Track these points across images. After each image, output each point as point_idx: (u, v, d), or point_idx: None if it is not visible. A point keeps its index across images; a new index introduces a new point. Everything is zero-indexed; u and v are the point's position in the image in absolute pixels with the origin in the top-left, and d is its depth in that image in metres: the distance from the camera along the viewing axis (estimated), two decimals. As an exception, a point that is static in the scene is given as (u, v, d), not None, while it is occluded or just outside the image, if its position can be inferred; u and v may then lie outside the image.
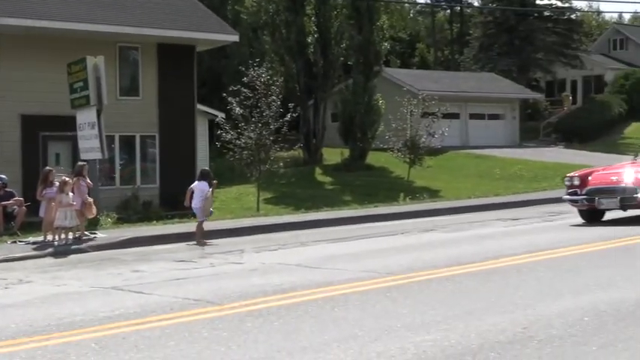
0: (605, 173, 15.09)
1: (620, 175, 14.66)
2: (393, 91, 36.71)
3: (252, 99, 23.72)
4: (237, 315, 7.15)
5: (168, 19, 25.09)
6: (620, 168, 15.39)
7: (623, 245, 11.09)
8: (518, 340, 5.70)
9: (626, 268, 9.03)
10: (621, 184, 14.27)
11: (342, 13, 36.40)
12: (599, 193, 14.33)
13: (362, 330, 6.26)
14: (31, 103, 22.42)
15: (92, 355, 5.88)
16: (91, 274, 11.16)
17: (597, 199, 14.25)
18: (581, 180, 14.84)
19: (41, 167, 22.05)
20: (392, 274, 9.11)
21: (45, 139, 22.92)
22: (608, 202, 14.19)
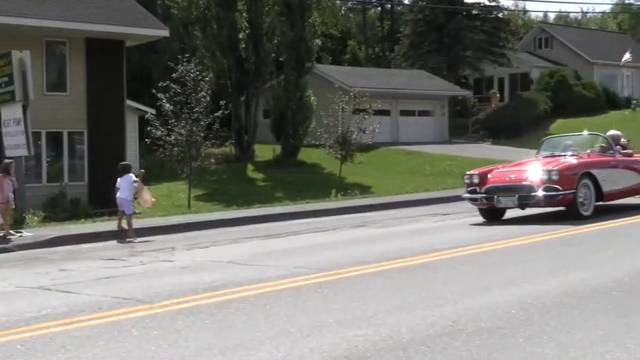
0: (504, 171, 14.87)
1: (519, 173, 14.52)
2: (324, 87, 36.82)
3: (182, 95, 23.50)
4: (168, 313, 7.07)
5: (97, 14, 24.66)
6: (520, 165, 15.31)
7: (544, 240, 11.34)
8: (448, 334, 5.77)
9: (550, 261, 9.23)
10: (520, 182, 14.06)
11: (274, 9, 36.33)
12: (498, 191, 14.06)
13: (294, 326, 6.26)
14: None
15: (18, 357, 5.74)
16: (17, 273, 10.92)
17: (496, 197, 13.96)
18: (480, 178, 14.51)
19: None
20: (323, 270, 9.14)
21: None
22: (506, 201, 13.92)
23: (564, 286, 7.48)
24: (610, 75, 57.80)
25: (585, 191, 13.81)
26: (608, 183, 14.41)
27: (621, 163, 15.20)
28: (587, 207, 13.85)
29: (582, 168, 14.05)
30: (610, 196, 14.63)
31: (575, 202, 13.62)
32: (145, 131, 27.06)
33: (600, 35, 68.44)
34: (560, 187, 13.42)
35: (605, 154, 15.18)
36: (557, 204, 13.90)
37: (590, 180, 13.96)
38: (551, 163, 14.26)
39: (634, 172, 15.32)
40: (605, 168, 14.63)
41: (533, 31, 65.63)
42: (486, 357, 5.16)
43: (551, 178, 13.44)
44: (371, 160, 33.92)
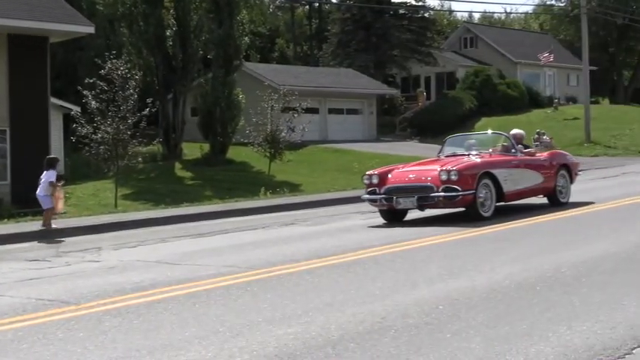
0: (404, 171, 14.29)
1: (419, 173, 14.01)
2: (253, 85, 36.69)
3: (108, 92, 23.11)
4: (94, 315, 6.95)
5: (19, 9, 24.03)
6: (420, 165, 14.82)
7: (471, 236, 11.53)
8: (377, 330, 5.82)
9: (475, 258, 9.38)
10: (419, 183, 13.56)
11: (202, 6, 36.02)
12: (398, 192, 13.58)
13: (223, 325, 6.22)
14: None
15: (-62, 362, 5.57)
16: None
17: (395, 198, 13.48)
18: (380, 178, 14.01)
19: None
20: (253, 269, 9.11)
21: None
22: (405, 202, 13.42)
23: (491, 281, 7.62)
24: (533, 74, 59.22)
25: (486, 191, 13.41)
26: (510, 183, 14.04)
27: (523, 163, 14.83)
28: (488, 208, 13.46)
29: (482, 168, 13.66)
30: (511, 196, 14.28)
31: (475, 202, 13.21)
32: (70, 129, 26.53)
33: (523, 35, 69.97)
34: (459, 187, 13.02)
35: (507, 154, 14.91)
36: (457, 205, 13.53)
37: (490, 180, 13.58)
38: (451, 162, 13.84)
39: (535, 172, 14.95)
40: (507, 167, 14.26)
41: (459, 31, 66.71)
42: (415, 352, 5.22)
43: (450, 178, 13.07)
44: (300, 159, 33.97)
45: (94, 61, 27.77)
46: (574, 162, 16.51)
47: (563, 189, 15.47)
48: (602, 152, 39.55)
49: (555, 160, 15.69)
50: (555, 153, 16.60)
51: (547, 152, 16.05)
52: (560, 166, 15.56)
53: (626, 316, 5.96)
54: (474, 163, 13.83)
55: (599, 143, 42.66)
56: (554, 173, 15.21)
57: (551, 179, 15.12)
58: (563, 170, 15.56)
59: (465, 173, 13.20)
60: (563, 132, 45.64)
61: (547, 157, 15.63)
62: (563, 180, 15.47)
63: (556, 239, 10.83)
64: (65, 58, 39.38)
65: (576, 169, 16.44)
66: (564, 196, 15.45)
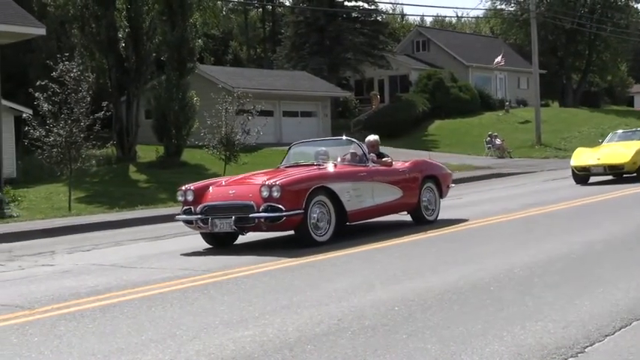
0: (226, 185, 11.70)
1: (241, 189, 11.41)
2: (207, 88, 36.53)
3: (61, 95, 22.80)
4: (49, 319, 6.86)
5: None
6: (246, 178, 12.10)
7: (425, 238, 11.63)
8: (334, 332, 5.84)
9: (431, 259, 9.47)
10: (238, 200, 11.02)
11: (154, 8, 35.73)
12: (215, 211, 11.06)
13: (180, 329, 6.19)
14: None
15: None
16: None
17: (211, 219, 10.96)
18: (196, 194, 11.44)
19: None
20: (210, 272, 9.07)
21: None
22: (222, 224, 10.87)
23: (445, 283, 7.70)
24: (484, 77, 59.99)
25: (320, 211, 11.00)
26: (355, 200, 11.68)
27: (374, 175, 12.32)
28: (324, 231, 11.08)
29: (316, 181, 11.16)
30: (357, 215, 11.91)
31: (305, 224, 10.76)
32: (22, 132, 26.11)
33: (475, 39, 70.90)
34: (283, 206, 10.53)
35: (355, 164, 12.44)
36: (283, 227, 10.98)
37: (328, 196, 11.17)
38: (277, 175, 11.39)
39: (392, 186, 12.59)
40: (351, 181, 11.81)
41: (411, 35, 67.30)
42: (372, 354, 5.25)
43: (272, 195, 10.57)
44: (255, 161, 33.83)
45: (45, 63, 27.35)
46: (444, 173, 14.14)
47: (431, 205, 13.30)
48: (553, 154, 40.25)
49: (419, 171, 13.33)
50: (419, 163, 14.02)
51: (409, 162, 13.52)
52: (425, 177, 13.30)
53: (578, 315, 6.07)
54: (303, 176, 11.28)
55: (549, 145, 43.42)
56: (417, 186, 12.98)
57: (413, 194, 12.89)
58: (429, 183, 13.35)
59: (290, 189, 10.71)
60: (514, 134, 46.36)
61: (408, 168, 13.19)
62: (430, 194, 13.29)
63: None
64: (16, 59, 38.71)
65: (448, 181, 14.10)
66: (432, 212, 13.32)
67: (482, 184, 23.98)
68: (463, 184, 23.72)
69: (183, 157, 34.84)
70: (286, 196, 10.62)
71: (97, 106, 23.61)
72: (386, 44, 58.38)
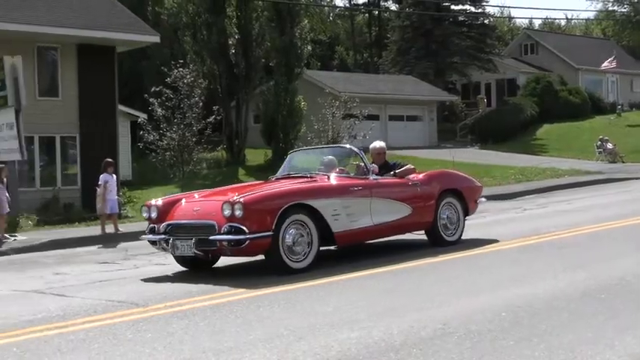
0: (194, 201, 10.16)
1: (207, 205, 9.78)
2: (314, 92, 36.83)
3: (174, 100, 23.49)
4: (162, 316, 7.06)
5: (88, 20, 24.61)
6: (216, 194, 10.40)
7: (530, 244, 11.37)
8: (439, 336, 5.79)
9: (539, 265, 9.26)
10: (200, 219, 9.52)
11: (263, 15, 36.34)
12: (177, 231, 9.65)
13: (287, 329, 6.26)
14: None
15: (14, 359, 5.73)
16: (12, 277, 10.88)
17: (172, 240, 9.50)
18: (160, 211, 9.97)
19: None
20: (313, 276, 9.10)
21: (-39, 140, 22.21)
22: (183, 246, 9.40)
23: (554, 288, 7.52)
24: (595, 80, 58.15)
25: (297, 232, 9.33)
26: (344, 219, 9.91)
27: (373, 190, 10.46)
28: (303, 255, 9.39)
29: (291, 198, 9.45)
30: (348, 236, 10.07)
31: (277, 249, 9.13)
32: (137, 136, 27.03)
33: (585, 41, 68.85)
34: (246, 227, 8.95)
35: (354, 177, 10.68)
36: (248, 252, 9.36)
37: (308, 215, 9.47)
38: (246, 190, 9.87)
39: (397, 202, 10.73)
40: (341, 196, 10.02)
41: (519, 38, 65.96)
42: (478, 359, 5.18)
43: (234, 214, 8.99)
44: (361, 165, 33.93)
45: (159, 70, 28.22)
46: (470, 186, 12.13)
47: (451, 224, 11.32)
48: (667, 160, 38.60)
49: (436, 184, 11.33)
50: (436, 175, 11.82)
51: (423, 174, 11.43)
52: (444, 192, 11.35)
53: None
54: (274, 192, 9.67)
55: (663, 150, 41.67)
56: (432, 202, 11.08)
57: (427, 211, 10.99)
58: (450, 198, 11.41)
59: (256, 207, 9.11)
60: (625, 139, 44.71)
61: (421, 181, 11.13)
62: (450, 211, 11.34)
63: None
64: (132, 66, 40.13)
65: (475, 195, 12.07)
66: (453, 232, 11.32)
67: (593, 189, 23.25)
68: (573, 189, 23.11)
69: (290, 161, 35.20)
70: (251, 215, 8.98)
71: (208, 111, 24.21)
72: (493, 47, 57.46)
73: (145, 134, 23.70)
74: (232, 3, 35.88)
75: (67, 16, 24.26)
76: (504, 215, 16.45)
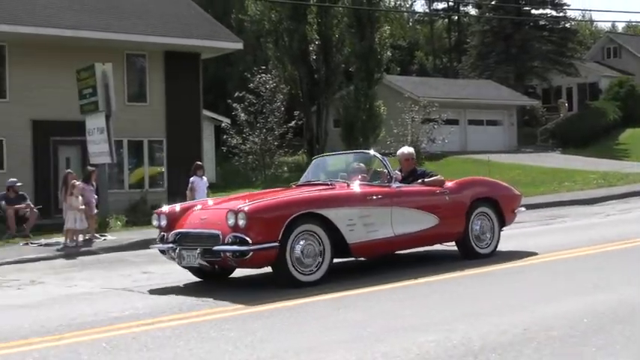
0: (205, 209, 9.61)
1: (213, 214, 9.23)
2: (394, 97, 36.74)
3: (257, 105, 23.79)
4: (244, 316, 7.14)
5: (175, 28, 25.15)
6: (227, 201, 9.87)
7: (615, 250, 11.06)
8: (518, 342, 5.68)
9: (621, 271, 9.01)
10: (206, 228, 8.98)
11: (344, 21, 36.45)
12: (185, 240, 9.12)
13: (366, 331, 6.25)
14: (42, 108, 22.50)
15: (103, 355, 5.88)
16: (102, 275, 11.17)
17: (179, 250, 9.02)
18: (169, 219, 9.50)
19: (52, 171, 22.18)
20: (395, 277, 9.07)
21: (55, 143, 23.00)
22: (189, 256, 8.88)
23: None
24: (681, 84, 56.24)
25: (308, 243, 8.68)
26: (361, 229, 9.15)
27: (394, 198, 9.63)
28: (315, 267, 8.75)
29: (301, 207, 8.77)
30: (367, 248, 9.36)
31: (284, 261, 8.52)
32: (220, 140, 27.45)
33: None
34: (250, 237, 8.39)
35: (374, 184, 9.86)
36: (253, 263, 8.77)
37: (320, 226, 8.80)
38: (255, 198, 9.35)
39: (420, 211, 9.86)
40: (358, 205, 9.26)
41: (602, 41, 64.38)
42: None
43: (237, 223, 8.46)
44: (440, 169, 33.45)
45: (242, 76, 28.58)
46: (507, 194, 11.11)
47: (484, 234, 10.47)
48: None
49: (467, 192, 10.45)
50: (467, 182, 10.88)
51: (453, 182, 10.57)
52: (477, 201, 10.46)
53: None
54: (281, 201, 9.02)
55: None
56: (462, 212, 10.24)
57: (456, 221, 10.16)
58: (484, 207, 10.52)
59: (260, 216, 8.54)
60: None
61: (450, 189, 10.29)
62: (483, 221, 10.47)
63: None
64: (216, 72, 40.76)
65: (512, 204, 11.05)
66: (486, 244, 10.47)
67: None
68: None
69: (370, 165, 35.18)
70: (255, 225, 8.41)
71: (289, 116, 24.42)
72: (574, 51, 56.26)
73: (229, 138, 24.10)
74: (313, 10, 36.09)
75: (155, 25, 24.84)
76: (586, 220, 16.07)
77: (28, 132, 22.67)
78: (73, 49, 22.48)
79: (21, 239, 16.31)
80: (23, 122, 22.49)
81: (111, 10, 24.75)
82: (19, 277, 11.36)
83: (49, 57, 22.67)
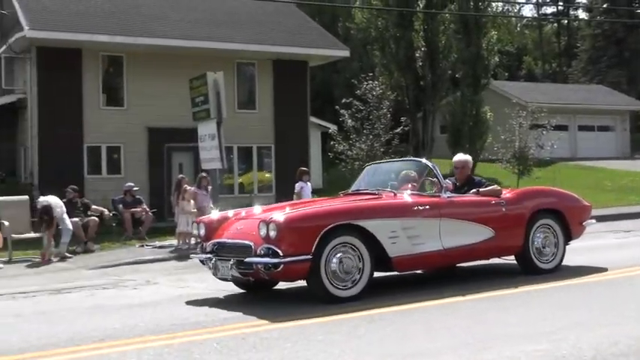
0: (242, 218, 9.17)
1: (248, 223, 8.79)
2: (501, 103, 36.13)
3: (363, 111, 23.84)
4: (351, 320, 7.16)
5: (283, 37, 25.53)
6: (269, 210, 9.14)
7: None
8: (633, 352, 5.48)
9: None
10: (240, 239, 8.57)
11: (450, 27, 36.08)
12: (222, 250, 8.72)
13: (473, 338, 6.17)
14: (157, 116, 23.23)
15: (214, 354, 6.01)
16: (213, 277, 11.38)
17: (215, 261, 8.68)
18: (208, 229, 9.17)
19: (166, 176, 22.86)
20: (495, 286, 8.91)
21: (169, 150, 23.69)
22: (224, 268, 8.54)
23: None
24: None
25: (345, 256, 8.18)
26: (404, 242, 8.58)
27: (443, 209, 9.04)
28: (352, 282, 8.22)
29: (337, 218, 8.26)
30: (408, 262, 8.75)
31: (318, 274, 8.05)
32: (327, 146, 27.64)
33: None
34: (281, 249, 7.97)
35: (422, 194, 9.26)
36: (285, 276, 8.36)
37: (359, 238, 8.28)
38: (293, 207, 9.05)
39: (473, 223, 9.22)
40: (401, 217, 8.67)
41: None
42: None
43: (269, 234, 8.08)
44: (548, 175, 32.77)
45: (349, 83, 28.69)
46: (574, 205, 10.31)
47: (547, 248, 9.73)
48: None
49: (528, 203, 9.74)
50: (529, 192, 10.33)
51: (512, 192, 10.02)
52: (538, 212, 9.74)
53: None
54: (316, 211, 8.54)
55: None
56: (522, 224, 9.54)
57: (514, 233, 9.49)
58: (547, 219, 9.79)
59: (293, 227, 8.08)
60: None
61: (508, 200, 9.61)
62: (546, 234, 9.75)
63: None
64: (323, 80, 41.07)
65: (581, 216, 10.28)
66: (549, 258, 9.74)
67: None
68: None
69: (477, 171, 34.65)
70: (286, 236, 7.99)
71: (395, 122, 24.36)
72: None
73: (335, 144, 24.24)
74: (419, 17, 35.89)
75: (265, 34, 25.28)
76: None
77: (144, 139, 23.44)
78: (185, 59, 23.11)
79: (137, 241, 16.89)
80: (139, 129, 23.28)
81: (222, 21, 25.34)
82: (135, 277, 11.77)
83: (163, 67, 23.39)
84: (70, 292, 10.35)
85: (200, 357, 5.95)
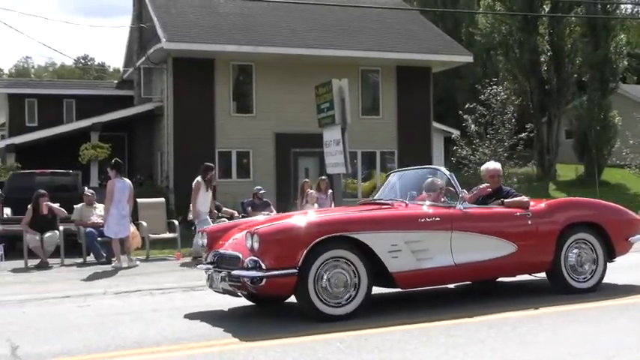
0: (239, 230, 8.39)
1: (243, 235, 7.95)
2: (630, 107, 34.78)
3: (487, 117, 23.51)
4: (472, 324, 7.08)
5: (406, 43, 25.49)
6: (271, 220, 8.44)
7: None
8: None
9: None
10: (231, 250, 7.93)
11: (576, 31, 35.03)
12: (220, 261, 8.06)
13: (595, 346, 6.01)
14: (284, 122, 23.69)
15: (337, 353, 6.08)
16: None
17: (211, 272, 8.05)
18: (210, 238, 8.46)
19: (292, 180, 23.26)
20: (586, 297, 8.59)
21: (295, 155, 24.11)
22: (217, 279, 7.87)
23: None
24: None
25: (337, 271, 7.44)
26: (408, 256, 7.74)
27: (455, 222, 8.09)
28: (346, 300, 7.47)
29: (327, 229, 7.51)
30: (413, 278, 7.89)
31: (305, 290, 7.32)
32: (449, 151, 27.38)
33: None
34: (264, 262, 7.32)
35: (434, 205, 8.34)
36: (268, 291, 7.51)
37: (354, 251, 7.52)
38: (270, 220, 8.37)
39: (490, 237, 8.25)
40: (402, 229, 7.81)
41: None
42: None
43: (253, 246, 7.43)
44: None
45: (472, 88, 28.32)
46: (617, 219, 9.12)
47: (583, 266, 8.66)
48: None
49: (560, 216, 8.67)
50: (562, 204, 9.30)
51: (544, 203, 8.88)
52: (572, 225, 8.66)
53: None
54: (304, 222, 7.66)
55: None
56: (552, 239, 8.51)
57: (542, 249, 8.48)
58: (583, 233, 8.70)
59: (275, 239, 7.44)
60: None
61: (535, 212, 8.60)
62: (581, 250, 8.68)
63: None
64: (445, 85, 40.68)
65: (626, 232, 9.06)
66: (586, 276, 8.68)
67: None
68: None
69: (604, 177, 33.48)
70: (269, 248, 7.34)
71: (519, 127, 23.89)
72: None
73: (458, 149, 24.00)
74: (544, 21, 35.02)
75: (388, 41, 25.31)
76: None
77: (272, 144, 23.95)
78: (310, 67, 23.46)
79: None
80: (267, 135, 23.81)
81: (346, 29, 25.55)
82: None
83: (290, 75, 23.84)
84: (202, 290, 10.67)
85: (324, 356, 6.02)
